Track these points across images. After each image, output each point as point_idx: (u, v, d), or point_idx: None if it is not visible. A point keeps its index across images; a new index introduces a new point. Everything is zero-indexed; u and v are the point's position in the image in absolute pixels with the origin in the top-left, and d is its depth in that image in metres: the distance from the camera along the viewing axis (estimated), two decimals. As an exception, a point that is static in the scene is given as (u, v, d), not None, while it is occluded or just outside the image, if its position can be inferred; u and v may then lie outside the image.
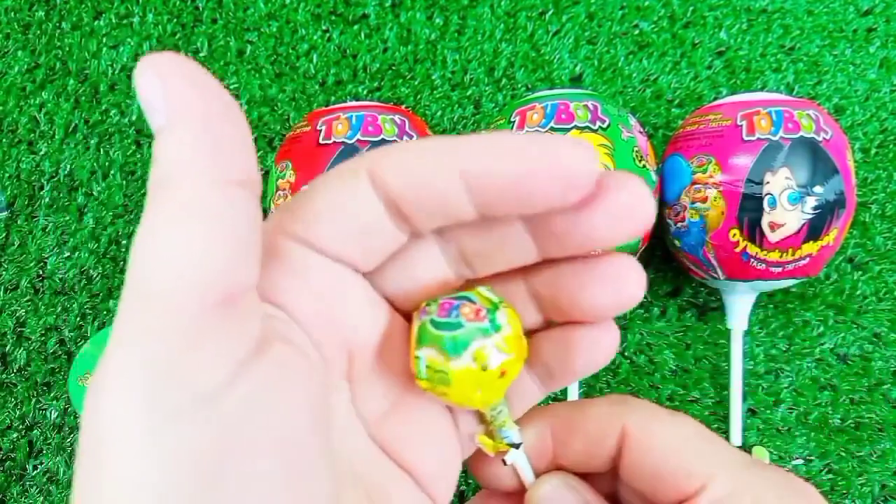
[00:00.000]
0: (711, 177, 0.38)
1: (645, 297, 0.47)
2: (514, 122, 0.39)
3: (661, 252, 0.46)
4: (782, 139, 0.37)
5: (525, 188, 0.18)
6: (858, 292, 0.47)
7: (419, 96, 0.50)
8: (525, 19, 0.51)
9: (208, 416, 0.15)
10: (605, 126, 0.38)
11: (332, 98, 0.50)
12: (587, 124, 0.38)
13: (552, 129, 0.38)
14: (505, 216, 0.20)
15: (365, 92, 0.50)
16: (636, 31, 0.50)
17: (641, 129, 0.41)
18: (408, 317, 0.23)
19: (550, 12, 0.51)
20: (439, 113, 0.50)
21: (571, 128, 0.38)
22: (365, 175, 0.19)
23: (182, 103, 0.15)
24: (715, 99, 0.44)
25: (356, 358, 0.21)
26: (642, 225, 0.19)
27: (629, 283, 0.21)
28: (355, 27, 0.51)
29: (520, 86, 0.50)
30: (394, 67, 0.50)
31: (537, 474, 0.25)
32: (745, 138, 0.37)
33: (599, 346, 0.23)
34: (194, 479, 0.15)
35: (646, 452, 0.22)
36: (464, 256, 0.22)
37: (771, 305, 0.46)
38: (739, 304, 0.42)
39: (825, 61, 0.49)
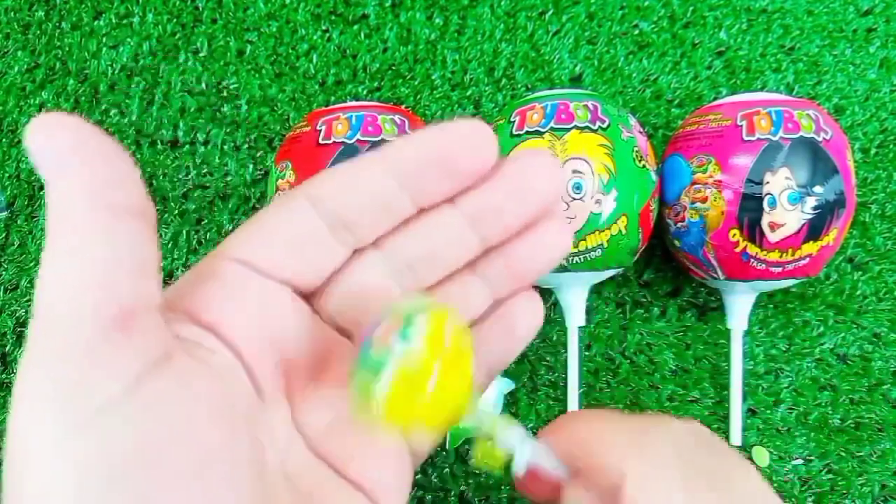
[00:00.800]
0: (711, 177, 0.38)
1: (645, 297, 0.47)
2: (514, 121, 0.39)
3: (661, 252, 0.46)
4: (782, 139, 0.37)
5: (445, 166, 0.22)
6: (858, 292, 0.47)
7: (419, 96, 0.50)
8: (525, 19, 0.51)
9: (109, 425, 0.16)
10: (605, 126, 0.38)
11: (332, 98, 0.50)
12: (587, 124, 0.38)
13: (552, 129, 0.38)
14: (437, 199, 0.23)
15: (365, 92, 0.50)
16: (636, 31, 0.50)
17: (641, 129, 0.41)
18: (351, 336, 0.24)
19: (550, 12, 0.51)
20: (439, 113, 0.50)
21: (571, 128, 0.38)
22: (302, 197, 0.22)
23: (68, 154, 0.17)
24: (715, 99, 0.44)
25: (294, 374, 0.22)
26: (548, 182, 0.23)
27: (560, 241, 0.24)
28: (355, 27, 0.51)
29: (520, 86, 0.50)
30: (394, 67, 0.50)
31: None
32: (745, 138, 0.37)
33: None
34: (104, 484, 0.16)
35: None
36: (409, 265, 0.24)
37: (771, 305, 0.46)
38: (739, 304, 0.42)
39: (825, 61, 0.49)
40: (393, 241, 0.24)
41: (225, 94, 0.50)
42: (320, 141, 0.38)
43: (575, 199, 0.37)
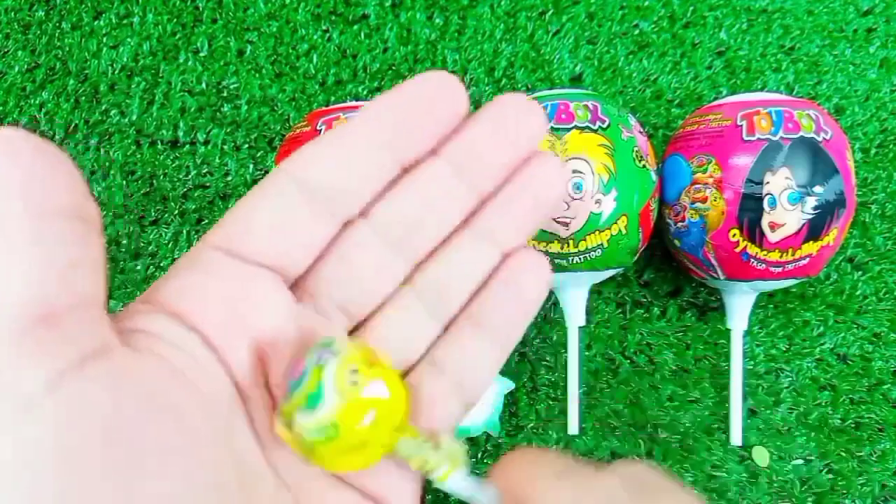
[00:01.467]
0: (711, 177, 0.38)
1: (645, 297, 0.47)
2: None
3: (661, 252, 0.46)
4: (782, 139, 0.37)
5: (421, 120, 0.22)
6: (858, 292, 0.47)
7: (419, 96, 0.50)
8: (525, 19, 0.51)
9: (29, 423, 0.16)
10: (605, 126, 0.38)
11: (332, 98, 0.50)
12: (587, 124, 0.38)
13: (552, 128, 0.38)
14: (419, 155, 0.23)
15: (365, 92, 0.50)
16: (636, 31, 0.50)
17: (641, 129, 0.41)
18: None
19: (550, 12, 0.51)
20: (439, 113, 0.50)
21: (572, 128, 0.38)
22: (283, 175, 0.22)
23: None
24: (715, 99, 0.44)
25: (274, 364, 0.22)
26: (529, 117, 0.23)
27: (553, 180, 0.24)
28: (355, 27, 0.51)
29: (520, 86, 0.50)
30: (394, 67, 0.50)
31: None
32: (746, 138, 0.37)
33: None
34: (22, 484, 0.16)
35: None
36: (403, 230, 0.23)
37: (771, 305, 0.46)
38: (739, 304, 0.42)
39: (825, 61, 0.49)
40: (382, 207, 0.23)
41: (225, 94, 0.50)
42: None
43: (575, 199, 0.37)
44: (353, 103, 0.41)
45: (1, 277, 0.16)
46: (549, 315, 0.47)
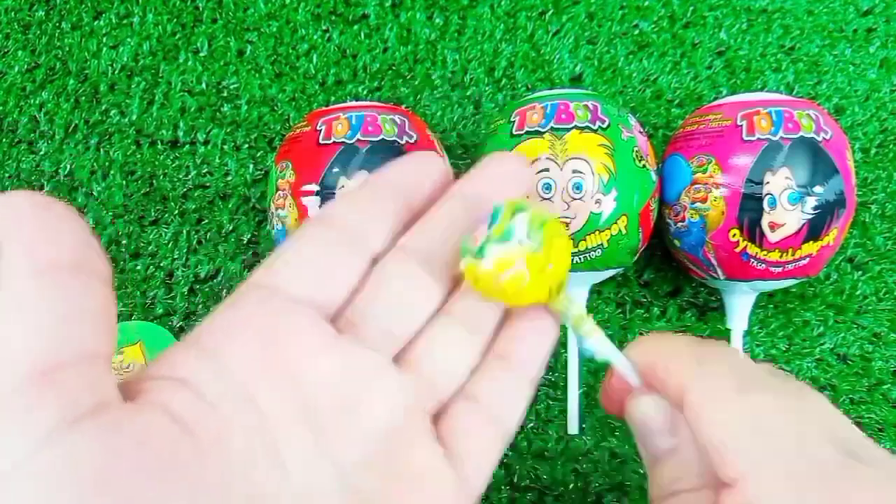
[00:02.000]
0: (711, 177, 0.38)
1: (645, 297, 0.47)
2: (513, 121, 0.39)
3: (661, 252, 0.46)
4: (782, 139, 0.37)
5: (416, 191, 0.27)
6: (858, 292, 0.47)
7: (419, 96, 0.50)
8: (525, 19, 0.51)
9: (20, 478, 0.16)
10: (604, 126, 0.38)
11: (332, 98, 0.50)
12: (587, 124, 0.38)
13: (552, 128, 0.38)
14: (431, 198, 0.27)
15: (365, 92, 0.50)
16: (636, 31, 0.50)
17: (641, 129, 0.41)
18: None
19: (550, 12, 0.51)
20: (439, 113, 0.50)
21: (571, 127, 0.37)
22: (314, 220, 0.25)
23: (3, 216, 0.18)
24: (715, 99, 0.44)
25: (317, 404, 0.22)
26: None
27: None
28: (355, 27, 0.51)
29: (520, 86, 0.50)
30: (394, 67, 0.50)
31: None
32: (745, 138, 0.37)
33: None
34: None
35: (696, 429, 0.23)
36: (429, 253, 0.26)
37: (771, 305, 0.46)
38: (739, 304, 0.42)
39: (825, 61, 0.49)
40: (406, 239, 0.26)
41: (225, 93, 0.50)
42: (320, 141, 0.38)
43: (575, 199, 0.37)
44: (353, 103, 0.41)
45: None
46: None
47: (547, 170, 0.37)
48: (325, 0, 0.51)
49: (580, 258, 0.38)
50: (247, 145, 0.50)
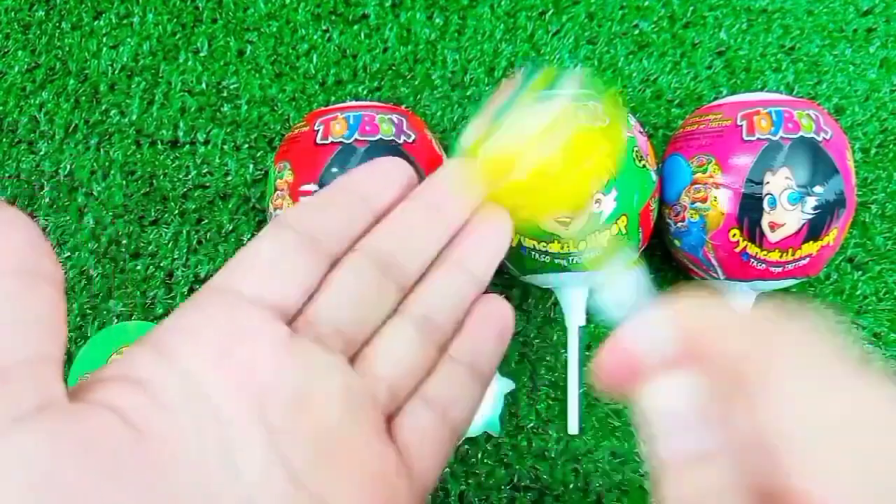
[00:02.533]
0: (711, 177, 0.38)
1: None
2: None
3: (661, 252, 0.46)
4: (782, 139, 0.37)
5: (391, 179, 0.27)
6: (858, 292, 0.46)
7: (419, 96, 0.50)
8: (525, 19, 0.51)
9: None
10: (604, 126, 0.38)
11: (333, 98, 0.50)
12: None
13: None
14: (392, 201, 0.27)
15: (365, 92, 0.50)
16: (636, 31, 0.50)
17: (641, 129, 0.41)
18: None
19: (550, 12, 0.51)
20: (439, 113, 0.50)
21: None
22: (276, 223, 0.25)
23: None
24: (715, 99, 0.44)
25: (270, 402, 0.22)
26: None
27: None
28: (355, 27, 0.51)
29: (520, 86, 0.50)
30: (394, 67, 0.50)
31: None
32: (745, 138, 0.37)
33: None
34: None
35: (763, 421, 0.17)
36: (389, 258, 0.26)
37: (770, 306, 0.46)
38: (740, 304, 0.42)
39: (825, 61, 0.49)
40: (367, 241, 0.26)
41: (225, 93, 0.50)
42: (318, 141, 0.38)
43: None
44: (352, 103, 0.41)
45: None
46: (550, 315, 0.47)
47: None
48: (325, 0, 0.51)
49: (580, 258, 0.38)
50: (247, 145, 0.50)
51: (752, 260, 0.38)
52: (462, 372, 0.26)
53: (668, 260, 0.46)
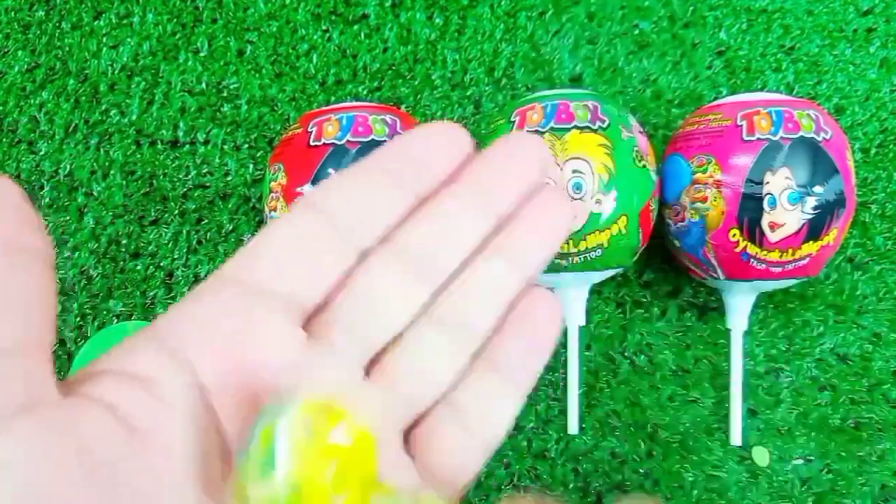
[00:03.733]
0: (711, 177, 0.38)
1: (645, 297, 0.47)
2: (514, 121, 0.39)
3: (661, 252, 0.46)
4: (782, 139, 0.37)
5: (437, 154, 0.23)
6: (858, 292, 0.46)
7: (419, 96, 0.50)
8: (525, 19, 0.51)
9: None
10: (604, 126, 0.38)
11: (333, 98, 0.50)
12: (587, 124, 0.38)
13: (552, 128, 0.38)
14: (433, 186, 0.23)
15: (365, 92, 0.50)
16: (636, 31, 0.50)
17: (641, 129, 0.41)
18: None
19: (550, 12, 0.50)
20: (439, 113, 0.50)
21: (571, 128, 0.37)
22: (301, 206, 0.22)
23: None
24: (715, 99, 0.44)
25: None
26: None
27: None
28: (355, 27, 0.51)
29: (520, 86, 0.50)
30: (394, 67, 0.50)
31: None
32: (745, 138, 0.37)
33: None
34: None
35: None
36: (423, 252, 0.23)
37: (771, 305, 0.46)
38: (739, 304, 0.42)
39: (825, 61, 0.49)
40: (401, 235, 0.23)
41: (225, 93, 0.50)
42: (311, 142, 0.38)
43: (575, 198, 0.37)
44: (346, 104, 0.40)
45: None
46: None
47: None
48: (325, 0, 0.51)
49: (580, 258, 0.38)
50: (247, 145, 0.49)
51: (753, 260, 0.38)
52: (496, 381, 0.23)
53: (668, 260, 0.46)
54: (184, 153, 0.50)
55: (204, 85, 0.50)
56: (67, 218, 0.49)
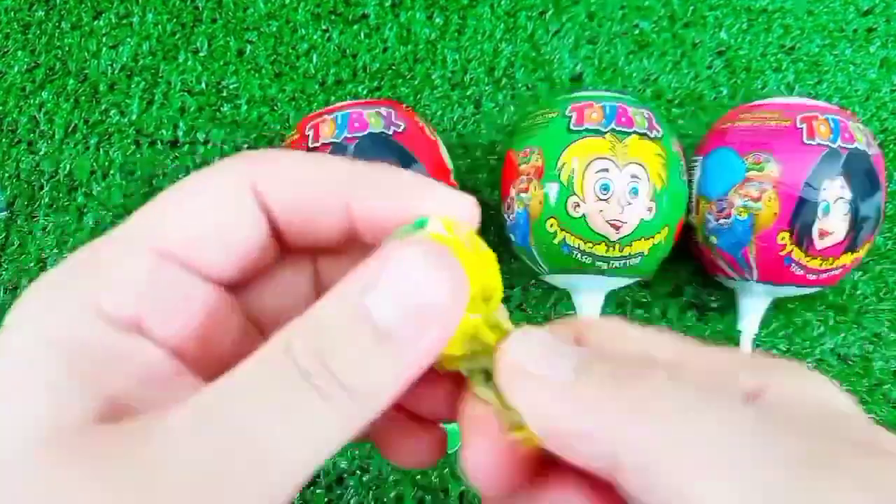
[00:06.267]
0: (769, 176, 0.26)
1: (645, 298, 0.35)
2: (570, 116, 0.27)
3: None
4: (840, 148, 0.25)
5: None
6: (859, 292, 0.35)
7: (419, 96, 0.37)
8: (525, 19, 0.38)
9: None
10: (659, 136, 0.27)
11: (333, 98, 0.37)
12: (645, 131, 0.26)
13: (613, 130, 0.26)
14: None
15: (365, 92, 0.37)
16: (636, 31, 0.37)
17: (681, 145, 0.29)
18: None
19: (550, 12, 0.38)
20: (439, 113, 0.37)
21: (632, 132, 0.26)
22: (246, 186, 0.14)
23: None
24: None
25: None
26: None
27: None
28: (355, 27, 0.38)
29: (520, 85, 0.37)
30: (394, 67, 0.38)
31: None
32: (806, 141, 0.25)
33: None
34: None
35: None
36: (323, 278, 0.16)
37: (771, 305, 0.34)
38: (755, 307, 0.30)
39: (825, 61, 0.37)
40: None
41: (225, 93, 0.37)
42: (310, 145, 0.28)
43: (630, 203, 0.25)
44: (337, 104, 0.30)
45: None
46: (550, 315, 0.35)
47: (606, 170, 0.25)
48: (325, 0, 0.38)
49: (620, 263, 0.26)
50: (247, 145, 0.37)
51: (794, 265, 0.26)
52: None
53: (668, 260, 0.34)
54: (184, 153, 0.37)
55: (203, 85, 0.37)
56: (67, 218, 0.37)
